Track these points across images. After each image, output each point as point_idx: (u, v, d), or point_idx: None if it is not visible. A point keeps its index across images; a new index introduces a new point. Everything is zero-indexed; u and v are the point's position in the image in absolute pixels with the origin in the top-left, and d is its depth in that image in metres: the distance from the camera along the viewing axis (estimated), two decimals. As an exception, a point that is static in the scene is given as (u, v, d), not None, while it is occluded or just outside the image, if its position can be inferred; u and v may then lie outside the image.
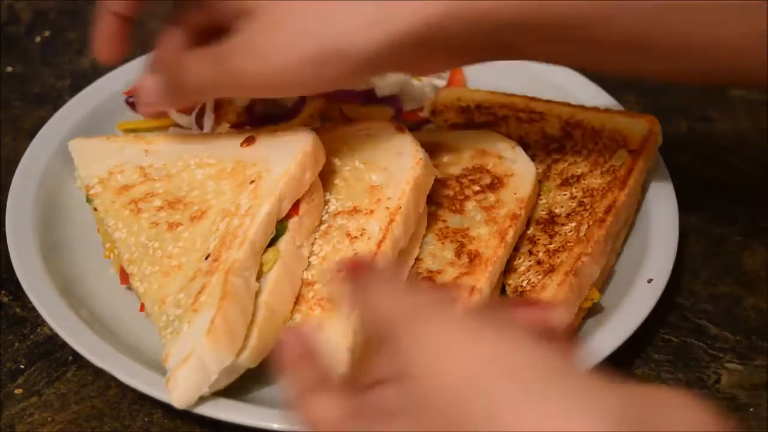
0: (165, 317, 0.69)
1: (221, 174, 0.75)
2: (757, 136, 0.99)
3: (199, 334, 0.65)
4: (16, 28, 1.14)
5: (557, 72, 0.98)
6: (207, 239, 0.71)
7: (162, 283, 0.71)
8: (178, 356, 0.65)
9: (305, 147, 0.73)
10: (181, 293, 0.69)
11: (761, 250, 0.86)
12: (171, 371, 0.65)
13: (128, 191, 0.77)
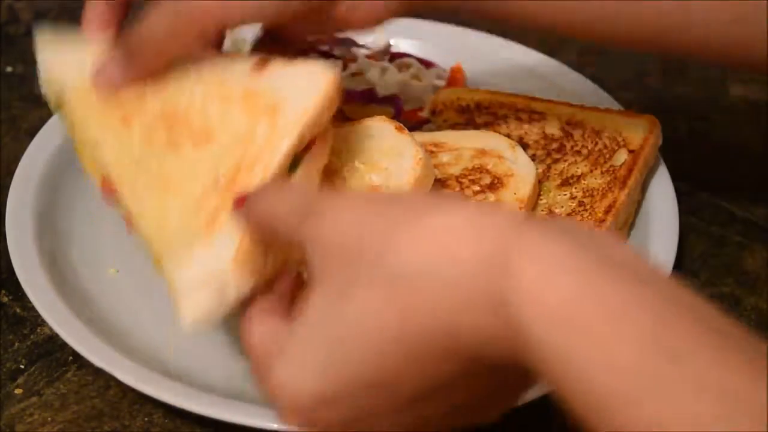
0: (164, 237, 0.64)
1: (229, 99, 0.69)
2: (757, 136, 0.99)
3: (222, 258, 0.60)
4: (16, 28, 1.14)
5: (557, 72, 0.98)
6: (216, 162, 0.66)
7: (161, 201, 0.65)
8: (193, 279, 0.61)
9: (327, 85, 0.67)
10: (186, 213, 0.64)
11: (761, 250, 0.86)
12: (182, 294, 0.62)
13: (114, 101, 0.69)
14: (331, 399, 0.49)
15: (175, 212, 0.65)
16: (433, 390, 0.47)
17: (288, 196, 0.54)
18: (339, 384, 0.48)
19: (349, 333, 0.47)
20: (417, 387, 0.47)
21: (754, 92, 1.05)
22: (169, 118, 0.68)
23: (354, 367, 0.47)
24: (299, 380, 0.49)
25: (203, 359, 0.73)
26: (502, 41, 1.02)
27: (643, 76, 1.08)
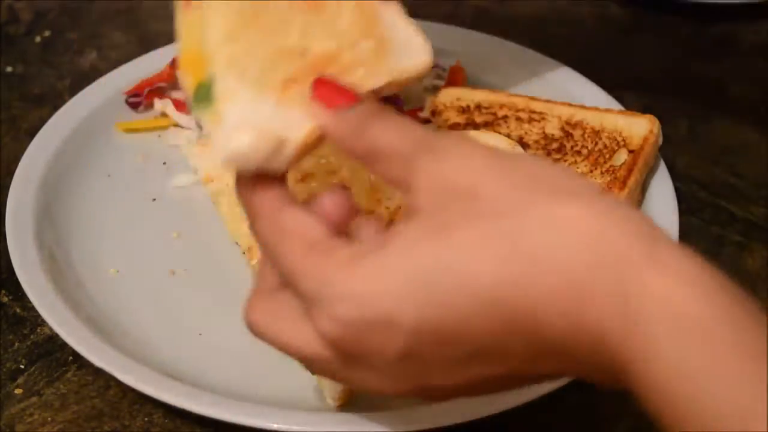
0: (229, 59, 0.58)
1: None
2: (757, 136, 0.99)
3: (286, 129, 0.56)
4: (16, 28, 1.14)
5: (557, 72, 0.98)
6: (313, 32, 0.60)
7: (245, 25, 0.59)
8: (248, 119, 0.56)
9: (426, 61, 0.63)
10: (264, 55, 0.59)
11: (761, 250, 0.86)
12: (230, 124, 0.55)
13: None
14: (411, 330, 0.47)
15: (252, 45, 0.59)
16: (495, 355, 0.47)
17: (405, 125, 0.52)
18: (426, 319, 0.46)
19: (454, 275, 0.46)
20: (484, 347, 0.47)
21: (754, 92, 1.05)
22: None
23: (444, 311, 0.46)
24: (384, 300, 0.47)
25: (203, 359, 0.73)
26: (502, 41, 1.02)
27: (643, 76, 1.08)
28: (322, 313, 0.48)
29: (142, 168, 0.91)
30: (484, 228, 0.46)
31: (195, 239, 0.83)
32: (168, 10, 0.96)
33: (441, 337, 0.47)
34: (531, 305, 0.45)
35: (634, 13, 1.19)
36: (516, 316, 0.45)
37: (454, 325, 0.46)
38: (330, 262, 0.48)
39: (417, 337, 0.47)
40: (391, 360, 0.48)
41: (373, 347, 0.48)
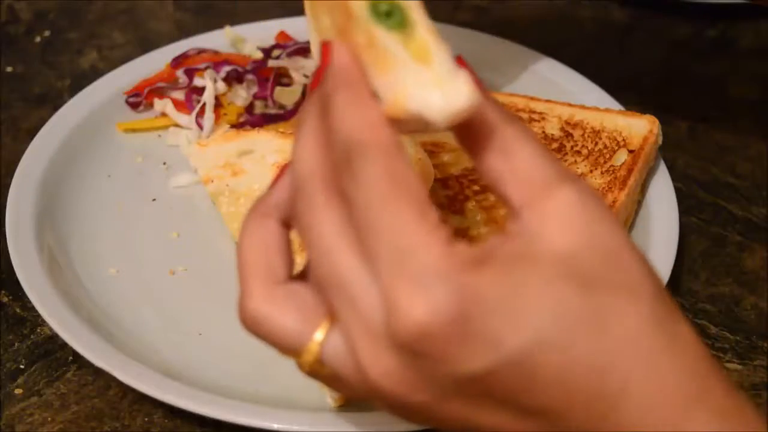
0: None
1: None
2: (757, 136, 0.99)
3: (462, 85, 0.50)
4: (16, 28, 1.14)
5: (557, 72, 0.98)
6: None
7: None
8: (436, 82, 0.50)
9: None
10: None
11: (761, 250, 0.86)
12: (465, 80, 0.49)
13: None
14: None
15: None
16: (550, 422, 0.46)
17: (546, 149, 0.49)
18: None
19: (580, 334, 0.44)
20: (553, 406, 0.45)
21: (754, 92, 1.05)
22: None
23: (552, 359, 0.44)
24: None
25: (203, 359, 0.73)
26: (502, 41, 1.02)
27: (643, 76, 1.08)
28: (425, 294, 0.43)
29: (142, 168, 0.91)
30: (626, 303, 0.45)
31: (195, 239, 0.83)
32: (168, 10, 0.96)
33: (529, 381, 0.44)
34: (627, 391, 0.45)
35: (633, 13, 1.19)
36: (611, 395, 0.45)
37: (552, 375, 0.44)
38: (452, 252, 0.44)
39: (507, 369, 0.44)
40: (457, 373, 0.45)
41: (453, 353, 0.44)
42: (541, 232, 0.46)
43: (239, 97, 0.95)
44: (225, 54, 1.00)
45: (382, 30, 0.50)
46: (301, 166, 0.49)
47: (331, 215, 0.47)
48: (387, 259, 0.44)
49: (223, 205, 0.82)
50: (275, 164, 0.85)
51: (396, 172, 0.46)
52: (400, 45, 0.49)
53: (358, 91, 0.49)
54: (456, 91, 0.48)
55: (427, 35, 0.50)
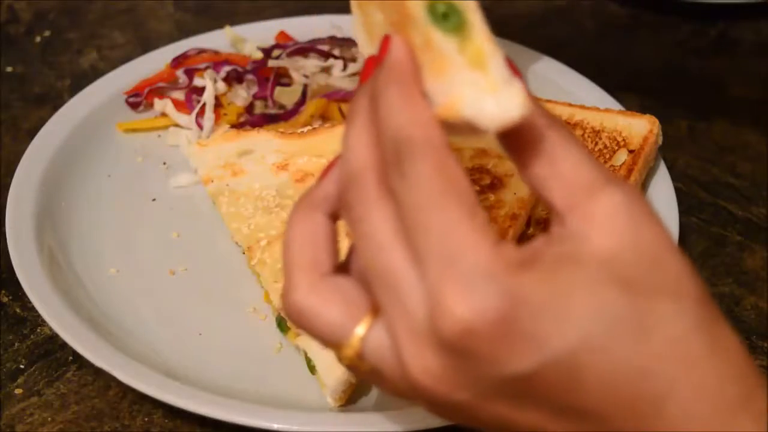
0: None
1: None
2: (757, 136, 0.99)
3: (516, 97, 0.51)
4: (16, 28, 1.14)
5: (558, 72, 0.98)
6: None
7: None
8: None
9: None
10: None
11: (761, 250, 0.86)
12: (519, 89, 0.51)
13: None
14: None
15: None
16: (587, 421, 0.47)
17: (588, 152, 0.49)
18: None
19: (628, 336, 0.45)
20: (591, 407, 0.46)
21: (754, 92, 1.05)
22: None
23: (597, 360, 0.44)
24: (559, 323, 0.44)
25: (203, 359, 0.73)
26: (502, 41, 1.02)
27: (643, 76, 1.08)
28: (471, 294, 0.44)
29: (142, 168, 0.91)
30: (669, 307, 0.46)
31: (195, 239, 0.83)
32: (168, 10, 0.96)
33: (574, 382, 0.45)
34: (671, 394, 0.45)
35: (633, 12, 1.19)
36: (653, 397, 0.45)
37: (597, 377, 0.45)
38: (499, 252, 0.45)
39: (552, 369, 0.44)
40: (501, 373, 0.45)
41: (497, 353, 0.44)
42: (586, 234, 0.46)
43: (239, 97, 0.95)
44: (225, 54, 1.00)
45: (439, 33, 0.49)
46: (355, 158, 0.49)
47: (384, 210, 0.48)
48: (435, 258, 0.45)
49: (223, 205, 0.82)
50: (275, 164, 0.85)
51: (446, 171, 0.46)
52: (457, 49, 0.49)
53: (411, 87, 0.49)
54: (510, 99, 0.48)
55: (484, 40, 0.50)
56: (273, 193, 0.82)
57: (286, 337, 0.73)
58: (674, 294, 0.46)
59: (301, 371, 0.71)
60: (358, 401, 0.69)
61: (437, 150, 0.46)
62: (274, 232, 0.78)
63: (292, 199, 0.81)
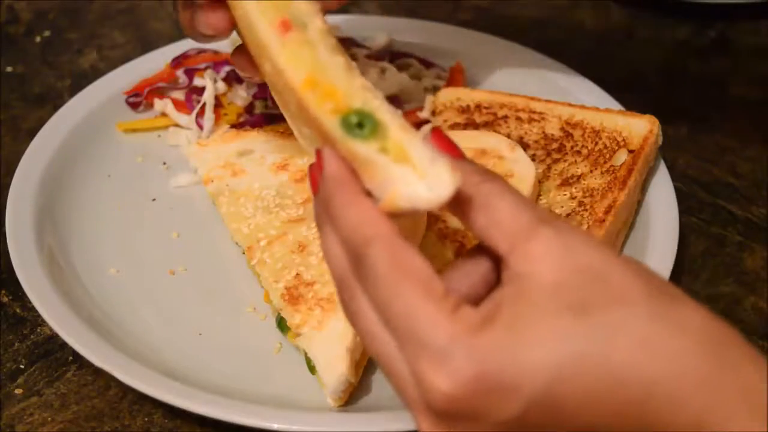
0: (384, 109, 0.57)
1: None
2: (757, 136, 0.99)
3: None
4: (16, 28, 1.14)
5: (558, 72, 0.98)
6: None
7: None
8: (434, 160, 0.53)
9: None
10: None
11: (761, 250, 0.86)
12: (445, 167, 0.52)
13: None
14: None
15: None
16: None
17: (521, 196, 0.53)
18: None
19: (591, 357, 0.48)
20: (591, 427, 0.49)
21: (754, 92, 1.05)
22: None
23: (573, 387, 0.48)
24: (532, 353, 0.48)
25: (203, 359, 0.73)
26: (502, 41, 1.02)
27: (643, 76, 1.08)
28: (443, 367, 0.48)
29: (142, 168, 0.91)
30: (621, 313, 0.48)
31: (195, 239, 0.83)
32: (168, 10, 0.95)
33: (558, 411, 0.48)
34: (652, 393, 0.47)
35: (634, 13, 1.19)
36: (637, 400, 0.47)
37: (577, 401, 0.48)
38: (458, 319, 0.49)
39: (535, 407, 0.48)
40: (494, 423, 0.49)
41: (484, 409, 0.48)
42: (529, 271, 0.50)
43: (239, 97, 0.95)
44: (225, 54, 1.00)
45: (358, 142, 0.54)
46: (334, 264, 0.55)
47: (369, 305, 0.52)
48: (408, 342, 0.50)
49: (223, 205, 0.82)
50: (275, 164, 0.85)
51: (398, 261, 0.51)
52: (378, 151, 0.54)
53: (352, 192, 0.54)
54: (439, 179, 0.52)
55: (400, 134, 0.54)
56: (273, 193, 0.82)
57: (286, 337, 0.73)
58: (622, 300, 0.49)
59: (301, 371, 0.71)
60: (358, 401, 0.69)
61: (387, 243, 0.51)
62: (274, 232, 0.78)
63: (291, 199, 0.81)
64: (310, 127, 0.59)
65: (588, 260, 0.50)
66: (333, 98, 0.56)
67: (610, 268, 0.50)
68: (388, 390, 0.71)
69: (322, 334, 0.69)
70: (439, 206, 0.52)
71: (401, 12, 1.15)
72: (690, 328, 0.48)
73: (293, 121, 0.65)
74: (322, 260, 0.74)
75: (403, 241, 0.51)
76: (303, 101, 0.57)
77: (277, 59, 0.59)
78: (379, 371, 0.72)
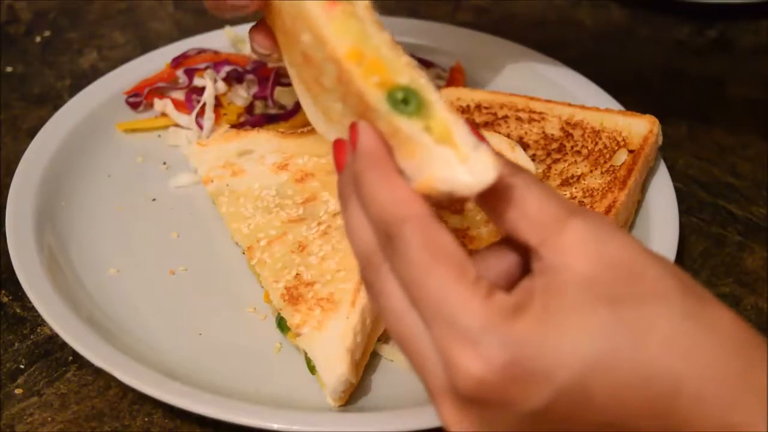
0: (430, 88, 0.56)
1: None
2: (757, 136, 0.99)
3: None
4: (16, 28, 1.14)
5: (557, 72, 0.98)
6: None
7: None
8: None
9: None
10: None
11: (761, 250, 0.86)
12: (488, 155, 0.52)
13: None
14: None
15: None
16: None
17: (551, 189, 0.53)
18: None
19: (624, 350, 0.47)
20: (619, 421, 0.49)
21: (754, 92, 1.05)
22: None
23: (604, 379, 0.47)
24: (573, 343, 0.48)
25: (203, 359, 0.73)
26: (502, 41, 1.02)
27: (643, 76, 1.08)
28: (476, 350, 0.48)
29: (142, 168, 0.91)
30: (655, 309, 0.48)
31: (195, 239, 0.83)
32: (168, 10, 0.95)
33: (586, 404, 0.48)
34: (681, 390, 0.47)
35: (633, 13, 1.19)
36: (665, 396, 0.47)
37: (606, 394, 0.47)
38: (492, 304, 0.48)
39: (564, 398, 0.47)
40: (522, 412, 0.48)
41: (513, 396, 0.48)
42: (562, 264, 0.50)
43: (239, 97, 0.95)
44: (225, 54, 1.00)
45: (403, 119, 0.53)
46: (358, 243, 0.54)
47: (395, 283, 0.52)
48: (438, 324, 0.49)
49: (223, 205, 0.82)
50: (275, 164, 0.85)
51: (432, 241, 0.50)
52: (422, 130, 0.53)
53: (387, 169, 0.53)
54: (481, 165, 0.51)
55: (446, 115, 0.53)
56: (273, 193, 0.82)
57: (286, 337, 0.73)
58: (656, 296, 0.49)
59: (301, 371, 0.71)
60: (358, 401, 0.69)
61: (421, 223, 0.50)
62: (274, 232, 0.78)
63: (291, 199, 0.81)
64: (346, 102, 0.57)
65: (621, 253, 0.49)
66: (379, 72, 0.55)
67: (643, 263, 0.49)
68: (388, 390, 0.71)
69: (322, 334, 0.69)
70: (477, 193, 0.51)
71: (401, 12, 1.15)
72: (720, 328, 0.48)
73: (318, 100, 0.63)
74: (322, 260, 0.74)
75: (437, 223, 0.50)
76: (347, 73, 0.55)
77: (322, 30, 0.57)
78: (379, 371, 0.72)
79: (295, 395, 0.70)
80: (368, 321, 0.70)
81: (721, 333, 0.48)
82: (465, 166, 0.51)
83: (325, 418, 0.67)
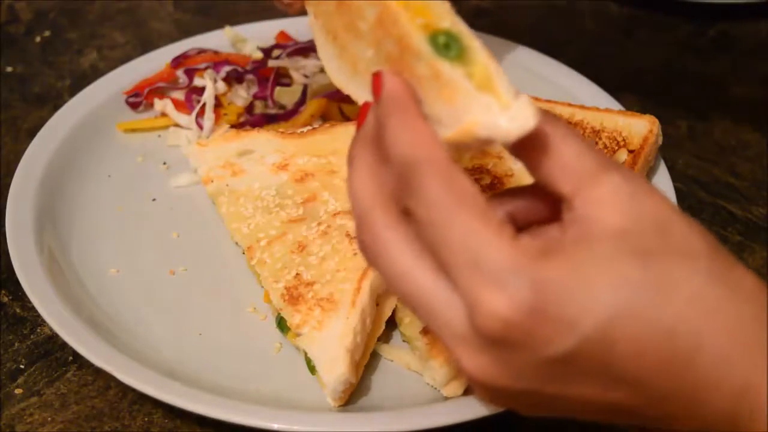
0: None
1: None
2: (757, 136, 0.99)
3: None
4: (16, 28, 1.14)
5: (558, 72, 0.98)
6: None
7: None
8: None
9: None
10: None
11: (761, 250, 0.86)
12: (527, 103, 0.51)
13: None
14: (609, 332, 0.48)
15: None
16: (638, 387, 0.49)
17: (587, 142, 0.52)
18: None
19: (652, 301, 0.48)
20: (635, 374, 0.49)
21: (755, 92, 1.05)
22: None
23: (629, 330, 0.47)
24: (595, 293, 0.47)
25: (203, 359, 0.73)
26: (502, 41, 1.02)
27: (643, 76, 1.08)
28: (504, 291, 0.47)
29: (142, 168, 0.91)
30: (682, 266, 0.49)
31: (195, 239, 0.83)
32: (168, 10, 0.95)
33: (607, 355, 0.48)
34: (701, 348, 0.48)
35: (633, 12, 1.19)
36: (684, 353, 0.48)
37: (626, 347, 0.47)
38: (519, 246, 0.48)
39: (587, 347, 0.47)
40: (544, 357, 0.48)
41: (537, 339, 0.48)
42: (595, 215, 0.50)
43: (239, 97, 0.95)
44: (225, 54, 1.00)
45: (446, 63, 0.53)
46: (359, 201, 0.53)
47: (397, 239, 0.51)
48: (462, 266, 0.48)
49: (223, 205, 0.82)
50: (275, 164, 0.85)
51: (453, 183, 0.50)
52: (463, 75, 0.52)
53: (410, 113, 0.52)
54: (522, 112, 0.51)
55: (488, 62, 0.54)
56: (273, 193, 0.82)
57: (286, 337, 0.73)
58: (684, 254, 0.49)
59: (301, 371, 0.71)
60: (358, 401, 0.69)
61: (442, 166, 0.50)
62: (274, 232, 0.78)
63: (291, 199, 0.81)
64: (380, 47, 0.56)
65: (653, 210, 0.50)
66: (424, 15, 0.54)
67: (674, 220, 0.50)
68: (388, 390, 0.71)
69: (322, 334, 0.69)
70: (515, 139, 0.50)
71: (401, 12, 1.15)
72: (744, 290, 0.49)
73: (345, 50, 0.61)
74: (322, 260, 0.74)
75: (458, 168, 0.50)
76: (392, 13, 0.54)
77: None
78: (379, 371, 0.72)
79: (295, 395, 0.70)
80: (368, 321, 0.70)
81: (744, 295, 0.49)
82: (506, 113, 0.51)
83: (325, 418, 0.67)
